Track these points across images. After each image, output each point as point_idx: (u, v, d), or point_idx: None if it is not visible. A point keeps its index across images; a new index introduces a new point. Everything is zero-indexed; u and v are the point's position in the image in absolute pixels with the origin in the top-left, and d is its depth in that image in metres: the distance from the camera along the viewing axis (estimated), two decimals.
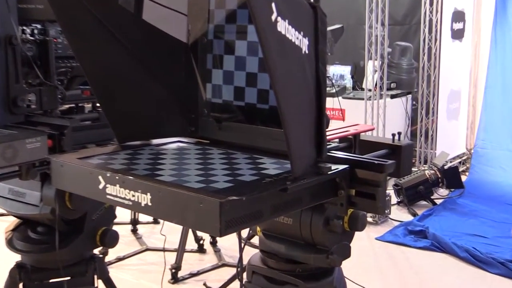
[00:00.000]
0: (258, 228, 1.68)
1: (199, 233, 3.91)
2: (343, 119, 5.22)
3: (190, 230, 3.75)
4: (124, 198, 1.26)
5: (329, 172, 1.32)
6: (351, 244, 1.58)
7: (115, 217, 2.21)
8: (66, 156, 1.46)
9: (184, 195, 1.15)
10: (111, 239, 2.12)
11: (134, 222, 4.24)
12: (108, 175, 1.29)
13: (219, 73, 1.62)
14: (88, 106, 2.25)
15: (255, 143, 1.54)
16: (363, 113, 5.03)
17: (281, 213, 1.26)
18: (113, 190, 1.28)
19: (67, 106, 2.15)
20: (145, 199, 1.22)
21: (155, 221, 4.38)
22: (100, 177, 1.30)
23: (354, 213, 1.49)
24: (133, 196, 1.24)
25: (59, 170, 1.42)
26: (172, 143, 1.65)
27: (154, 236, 4.19)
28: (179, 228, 3.41)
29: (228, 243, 3.90)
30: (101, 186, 1.30)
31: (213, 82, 1.65)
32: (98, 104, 2.16)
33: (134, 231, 4.23)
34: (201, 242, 3.88)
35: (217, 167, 1.38)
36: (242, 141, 1.57)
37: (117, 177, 1.27)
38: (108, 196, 1.29)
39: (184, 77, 1.65)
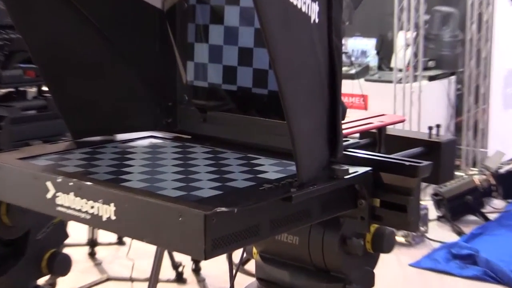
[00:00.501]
0: (254, 250, 1.71)
1: (177, 257, 3.94)
2: (365, 108, 5.26)
3: (166, 253, 3.78)
4: (80, 211, 1.28)
5: (346, 177, 1.35)
6: (375, 271, 1.60)
7: (67, 236, 2.23)
8: (3, 156, 1.48)
9: (158, 206, 1.18)
10: (62, 265, 2.14)
11: (92, 243, 4.27)
12: (59, 180, 1.31)
13: (203, 49, 1.64)
14: (32, 90, 2.27)
15: (250, 138, 1.56)
16: (391, 100, 5.08)
17: (284, 229, 1.28)
18: (66, 200, 1.30)
19: (4, 90, 2.18)
20: (107, 211, 1.24)
21: (120, 242, 4.41)
22: (48, 183, 1.32)
23: (378, 230, 1.52)
24: (92, 207, 1.26)
25: None
26: (142, 139, 1.67)
27: (119, 261, 4.22)
28: (152, 250, 3.44)
29: (216, 270, 3.93)
30: (49, 195, 1.32)
31: (196, 60, 1.67)
32: (46, 89, 2.18)
33: (92, 254, 4.26)
34: (180, 269, 3.92)
35: (201, 169, 1.40)
36: (233, 136, 1.59)
37: (71, 183, 1.29)
38: (58, 208, 1.31)
39: (158, 53, 1.67)
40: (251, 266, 1.88)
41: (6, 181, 1.43)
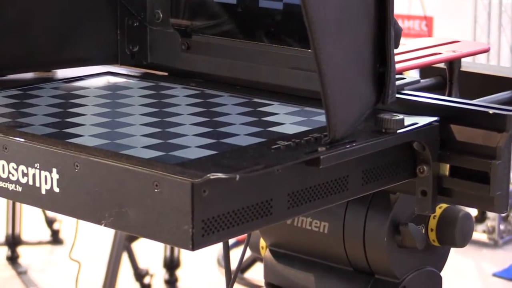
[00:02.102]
0: (262, 243, 1.75)
1: (142, 261, 4.00)
2: (430, 34, 5.24)
3: (124, 255, 3.84)
4: (6, 180, 1.33)
5: (400, 130, 1.38)
6: (444, 277, 1.65)
7: None
8: None
9: (122, 172, 1.22)
10: None
11: (13, 242, 4.32)
12: None
13: None
14: None
15: (255, 75, 1.61)
16: (468, 21, 5.06)
17: (308, 207, 1.32)
18: None
19: None
20: (48, 180, 1.29)
21: (55, 240, 4.47)
22: None
23: (448, 212, 1.57)
24: (25, 175, 1.31)
25: None
26: (94, 77, 1.72)
27: (53, 268, 4.29)
28: (105, 249, 3.50)
29: (200, 280, 3.99)
30: None
31: None
32: None
33: (13, 259, 4.34)
34: (147, 280, 3.98)
35: (185, 120, 1.45)
36: (230, 72, 1.64)
37: None
38: None
39: None
40: (256, 272, 1.92)
41: None
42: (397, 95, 1.45)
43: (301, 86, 1.56)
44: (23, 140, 1.32)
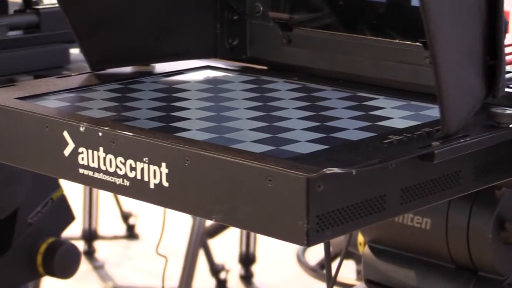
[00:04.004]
0: (360, 239, 1.74)
1: (219, 257, 4.01)
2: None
3: (201, 252, 3.85)
4: (114, 175, 1.33)
5: (511, 125, 1.37)
6: None
7: (72, 218, 2.30)
8: None
9: (235, 166, 1.21)
10: (66, 262, 2.21)
11: (90, 237, 4.37)
12: (82, 129, 1.35)
13: None
14: (15, 1, 2.31)
15: (359, 69, 1.60)
16: None
17: (421, 202, 1.31)
18: (93, 159, 1.34)
19: None
20: (157, 175, 1.28)
21: (131, 234, 4.50)
22: (65, 134, 1.37)
23: None
24: (133, 170, 1.30)
25: None
26: (194, 71, 1.72)
27: (129, 263, 4.32)
28: (181, 245, 3.51)
29: (278, 276, 3.99)
30: (67, 151, 1.37)
31: None
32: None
33: (90, 253, 4.40)
34: (223, 275, 3.99)
35: (291, 114, 1.44)
36: (332, 65, 1.63)
37: (100, 133, 1.33)
38: (81, 171, 1.36)
39: None
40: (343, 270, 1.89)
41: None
42: (507, 90, 1.44)
43: (405, 80, 1.54)
44: (131, 134, 1.32)
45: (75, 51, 2.23)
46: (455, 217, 1.59)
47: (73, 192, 2.31)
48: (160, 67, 1.72)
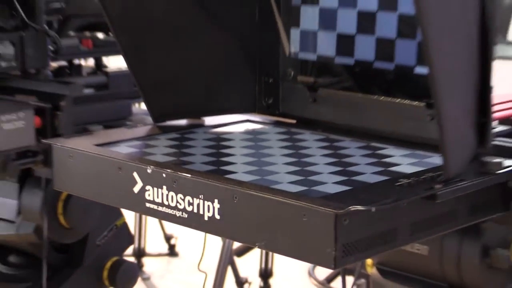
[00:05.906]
0: (369, 261, 1.73)
1: (243, 270, 4.00)
2: None
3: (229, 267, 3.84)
4: (175, 208, 1.33)
5: (498, 172, 1.37)
6: None
7: (131, 241, 2.31)
8: (77, 142, 1.54)
9: (276, 203, 1.21)
10: (126, 276, 2.21)
11: (139, 254, 4.36)
12: (149, 171, 1.36)
13: (312, 12, 1.68)
14: (88, 65, 2.34)
15: (371, 123, 1.60)
16: None
17: (425, 234, 1.31)
18: (158, 195, 1.35)
19: (55, 64, 2.24)
20: (210, 209, 1.29)
21: (172, 252, 4.50)
22: (135, 175, 1.38)
23: None
24: (191, 204, 1.31)
25: (65, 164, 1.50)
26: (237, 124, 1.73)
27: (171, 275, 4.31)
28: (212, 263, 3.50)
29: (290, 285, 3.97)
30: (137, 189, 1.38)
31: (303, 27, 1.70)
32: (106, 62, 2.25)
33: (139, 267, 4.34)
34: (246, 287, 3.97)
35: (318, 160, 1.44)
36: (350, 120, 1.63)
37: (164, 175, 1.34)
38: (148, 205, 1.37)
39: (254, 19, 1.72)
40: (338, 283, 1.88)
41: (79, 171, 1.49)
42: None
43: (410, 133, 1.54)
44: (189, 175, 1.32)
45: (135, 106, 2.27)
46: (448, 245, 1.59)
47: (126, 218, 2.32)
48: (210, 120, 1.73)
